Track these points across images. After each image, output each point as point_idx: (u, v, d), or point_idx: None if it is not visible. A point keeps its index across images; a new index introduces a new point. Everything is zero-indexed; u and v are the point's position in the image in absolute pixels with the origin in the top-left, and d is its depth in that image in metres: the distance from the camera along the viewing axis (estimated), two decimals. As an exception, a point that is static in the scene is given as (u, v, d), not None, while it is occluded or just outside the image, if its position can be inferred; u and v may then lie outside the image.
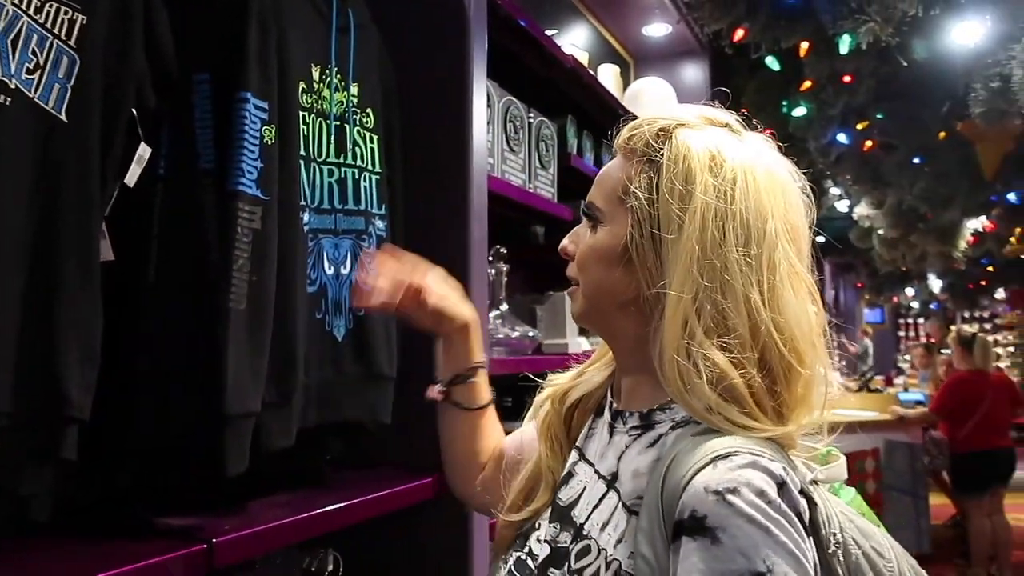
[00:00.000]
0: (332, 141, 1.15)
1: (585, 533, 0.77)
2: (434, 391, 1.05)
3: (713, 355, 0.70)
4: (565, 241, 0.87)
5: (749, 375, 0.70)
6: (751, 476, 0.65)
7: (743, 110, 0.87)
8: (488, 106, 1.63)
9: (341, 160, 1.16)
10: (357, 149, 1.19)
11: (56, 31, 0.85)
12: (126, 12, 0.90)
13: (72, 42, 0.86)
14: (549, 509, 0.84)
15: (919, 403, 5.78)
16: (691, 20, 2.88)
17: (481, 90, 1.45)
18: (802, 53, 2.88)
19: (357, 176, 1.19)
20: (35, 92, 0.83)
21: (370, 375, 1.19)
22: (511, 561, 0.84)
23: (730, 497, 0.64)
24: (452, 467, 1.09)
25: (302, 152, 1.07)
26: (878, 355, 11.52)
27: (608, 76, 2.52)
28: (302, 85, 1.08)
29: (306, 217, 1.09)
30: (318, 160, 1.12)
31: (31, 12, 0.83)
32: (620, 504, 0.75)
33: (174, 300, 0.93)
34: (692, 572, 0.63)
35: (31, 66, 0.83)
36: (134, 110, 0.91)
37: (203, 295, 0.92)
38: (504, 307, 1.81)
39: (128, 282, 0.94)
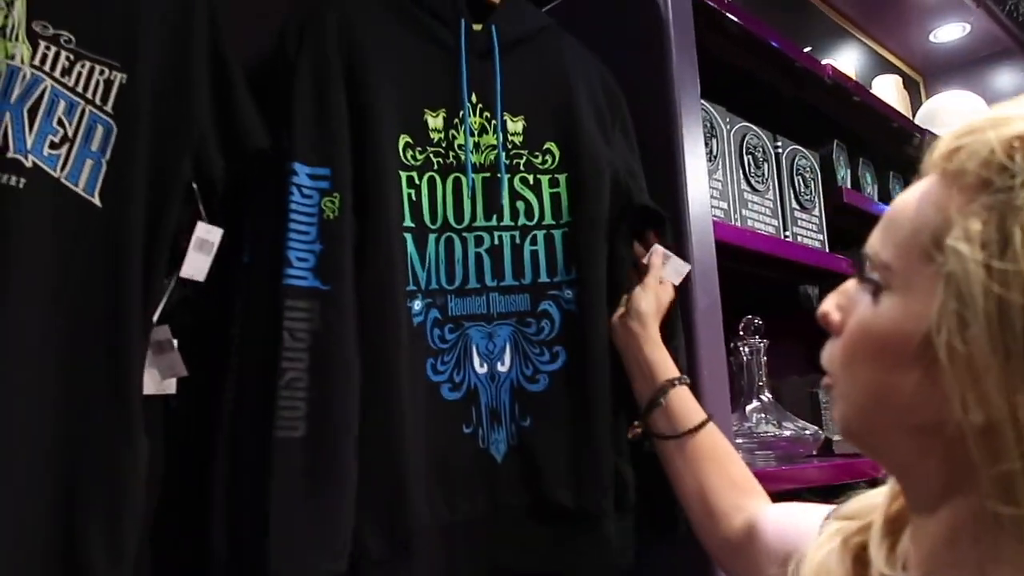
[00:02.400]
0: (480, 200, 0.88)
1: None
2: (634, 430, 0.91)
3: None
4: (829, 304, 0.55)
5: None
6: None
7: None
8: (713, 136, 1.27)
9: (494, 223, 0.88)
10: (521, 204, 0.90)
11: (89, 95, 0.67)
12: (179, 66, 0.71)
13: (109, 107, 0.68)
14: None
15: None
16: (995, 5, 2.23)
17: (694, 113, 1.10)
18: None
19: (520, 240, 0.90)
20: (61, 171, 0.66)
21: (542, 508, 0.86)
22: None
23: None
24: (689, 513, 0.86)
25: (409, 223, 0.83)
26: None
27: (888, 88, 2.00)
28: (405, 140, 0.84)
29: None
30: (456, 228, 0.87)
31: (57, 74, 0.66)
32: None
33: (244, 434, 0.72)
34: None
35: (56, 139, 0.66)
36: (195, 184, 0.71)
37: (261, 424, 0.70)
38: (767, 396, 1.37)
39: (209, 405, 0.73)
